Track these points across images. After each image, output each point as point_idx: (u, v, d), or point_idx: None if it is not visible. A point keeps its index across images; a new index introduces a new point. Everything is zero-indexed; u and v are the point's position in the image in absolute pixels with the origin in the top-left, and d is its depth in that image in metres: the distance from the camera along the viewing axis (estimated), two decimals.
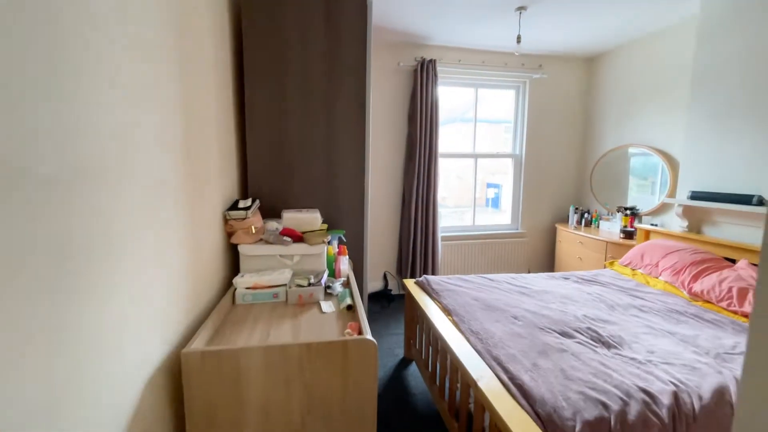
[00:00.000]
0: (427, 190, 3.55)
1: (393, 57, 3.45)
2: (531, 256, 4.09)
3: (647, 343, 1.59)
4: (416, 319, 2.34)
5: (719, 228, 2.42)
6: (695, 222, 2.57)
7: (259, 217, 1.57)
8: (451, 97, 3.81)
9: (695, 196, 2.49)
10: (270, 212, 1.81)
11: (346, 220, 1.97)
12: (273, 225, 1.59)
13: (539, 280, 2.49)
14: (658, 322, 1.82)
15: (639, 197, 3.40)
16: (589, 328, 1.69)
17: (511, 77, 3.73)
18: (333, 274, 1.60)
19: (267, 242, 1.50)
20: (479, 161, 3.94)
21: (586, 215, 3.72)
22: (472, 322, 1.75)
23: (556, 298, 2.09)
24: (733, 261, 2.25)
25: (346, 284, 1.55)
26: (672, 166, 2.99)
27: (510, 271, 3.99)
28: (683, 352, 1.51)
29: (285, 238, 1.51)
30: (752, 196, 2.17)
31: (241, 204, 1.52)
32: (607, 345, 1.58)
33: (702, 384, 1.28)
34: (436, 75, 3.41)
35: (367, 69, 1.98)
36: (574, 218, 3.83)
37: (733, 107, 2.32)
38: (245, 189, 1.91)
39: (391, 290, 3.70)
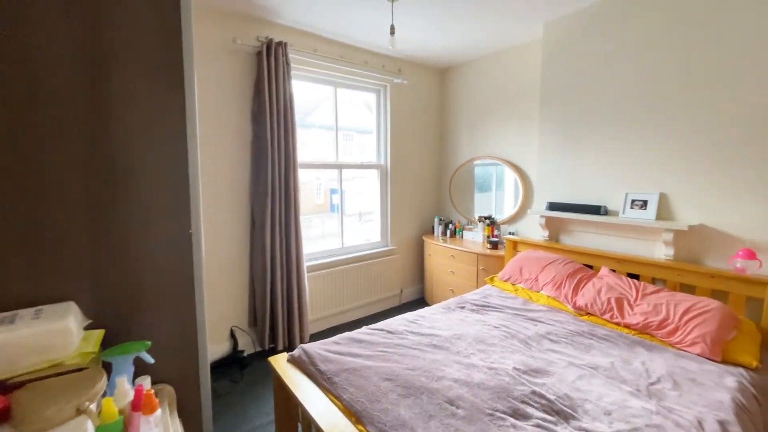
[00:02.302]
0: (286, 210, 2.74)
1: (225, 30, 2.48)
2: (402, 273, 3.82)
3: (592, 396, 1.35)
4: (296, 417, 1.56)
5: (574, 236, 2.62)
6: (554, 231, 2.73)
7: None
8: (300, 96, 3.10)
9: (553, 206, 2.63)
10: None
11: (153, 297, 1.00)
12: None
13: (438, 316, 2.10)
14: (574, 355, 1.66)
15: (493, 207, 3.57)
16: (533, 393, 1.33)
17: (371, 79, 3.33)
18: None
19: None
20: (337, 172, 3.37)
21: (450, 226, 3.70)
22: None
23: (473, 346, 1.70)
24: (591, 266, 2.43)
25: None
26: (523, 177, 3.19)
27: (383, 293, 3.60)
28: (627, 400, 1.32)
29: None
30: (600, 206, 2.37)
31: None
32: (564, 416, 1.24)
33: None
34: (288, 63, 2.64)
35: (184, 24, 1.08)
36: (439, 229, 3.77)
37: (577, 125, 2.52)
38: None
39: (242, 351, 2.69)
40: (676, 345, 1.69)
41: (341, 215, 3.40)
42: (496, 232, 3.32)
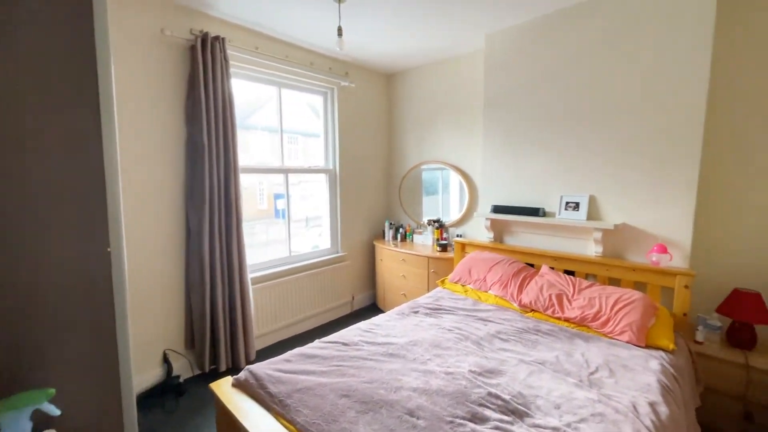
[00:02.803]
0: (227, 217, 2.53)
1: (152, 19, 2.23)
2: (354, 280, 3.75)
3: (542, 391, 1.40)
4: None
5: (516, 237, 2.77)
6: (498, 232, 2.86)
7: None
8: (240, 95, 2.91)
9: (497, 209, 2.76)
10: None
11: (59, 333, 0.82)
12: None
13: (393, 323, 2.07)
14: (523, 352, 1.73)
15: (440, 210, 3.67)
16: (489, 394, 1.35)
17: (318, 81, 3.23)
18: None
19: None
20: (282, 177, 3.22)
21: (400, 230, 3.72)
22: None
23: (429, 352, 1.70)
24: (532, 265, 2.58)
25: None
26: (468, 181, 3.31)
27: (335, 301, 3.50)
28: (573, 392, 1.40)
29: None
30: (539, 209, 2.54)
31: None
32: (519, 415, 1.27)
33: None
34: (226, 60, 2.45)
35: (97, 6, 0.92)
36: (389, 234, 3.77)
37: (517, 132, 2.68)
38: None
39: (178, 376, 2.42)
40: (609, 335, 1.85)
41: (288, 222, 3.24)
42: (444, 235, 3.40)
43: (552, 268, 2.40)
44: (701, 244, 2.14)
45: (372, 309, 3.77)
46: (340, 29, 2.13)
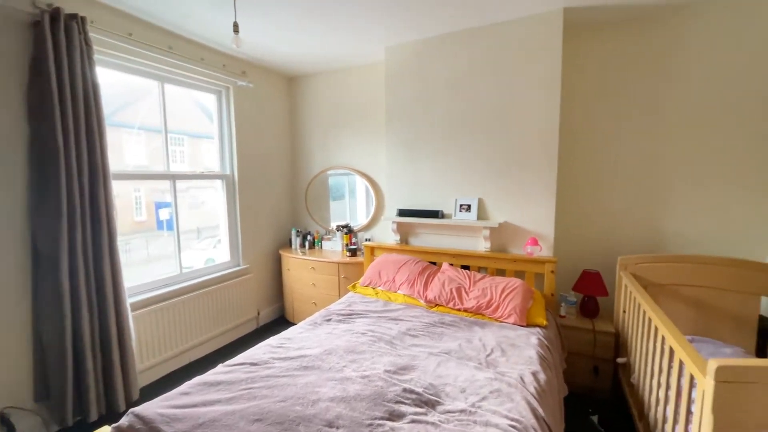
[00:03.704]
0: (95, 234, 2.10)
1: None
2: (258, 293, 3.50)
3: (450, 378, 1.53)
4: None
5: (420, 238, 2.97)
6: (404, 234, 3.03)
7: None
8: (104, 88, 2.48)
9: (402, 213, 2.92)
10: None
11: None
12: None
13: (306, 334, 2.00)
14: (431, 345, 1.86)
15: (348, 215, 3.71)
16: (404, 390, 1.42)
17: (210, 78, 2.94)
18: None
19: None
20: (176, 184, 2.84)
21: (308, 237, 3.62)
22: None
23: (344, 359, 1.69)
24: (435, 263, 2.80)
25: None
26: (375, 187, 3.42)
27: (238, 318, 3.21)
28: (475, 375, 1.55)
29: None
30: (438, 211, 2.77)
31: None
32: (432, 405, 1.36)
33: (519, 408, 1.31)
34: (88, 44, 2.04)
35: None
36: (297, 242, 3.64)
37: (416, 140, 2.88)
38: None
39: None
40: (499, 319, 2.12)
41: (177, 234, 2.85)
42: (354, 240, 3.44)
43: (451, 265, 2.65)
44: (561, 235, 2.64)
45: (280, 322, 3.57)
46: (236, 25, 1.97)
